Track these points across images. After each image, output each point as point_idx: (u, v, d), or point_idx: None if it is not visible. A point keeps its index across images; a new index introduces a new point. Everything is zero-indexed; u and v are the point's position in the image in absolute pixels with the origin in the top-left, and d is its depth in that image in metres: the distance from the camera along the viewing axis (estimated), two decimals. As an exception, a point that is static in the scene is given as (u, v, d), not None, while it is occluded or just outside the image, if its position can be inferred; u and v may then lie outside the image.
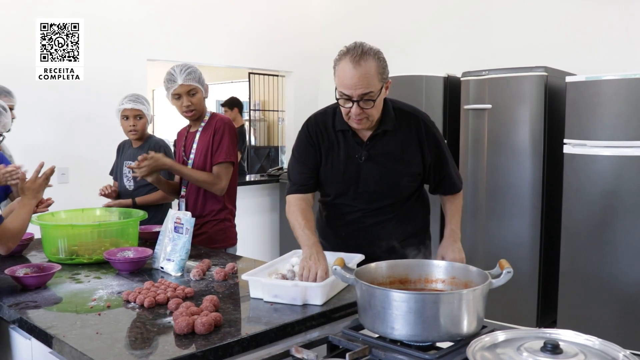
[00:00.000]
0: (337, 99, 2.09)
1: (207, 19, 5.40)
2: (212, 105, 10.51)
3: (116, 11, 4.71)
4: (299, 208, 2.22)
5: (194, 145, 3.04)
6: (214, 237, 2.97)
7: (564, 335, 1.34)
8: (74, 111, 4.55)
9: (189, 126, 3.13)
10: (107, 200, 3.43)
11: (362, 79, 2.00)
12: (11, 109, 3.39)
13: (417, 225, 2.40)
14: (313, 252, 1.98)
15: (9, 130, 3.28)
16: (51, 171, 2.37)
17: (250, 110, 8.76)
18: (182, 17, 5.21)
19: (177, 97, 2.92)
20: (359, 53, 2.00)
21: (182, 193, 3.08)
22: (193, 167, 3.00)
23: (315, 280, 1.87)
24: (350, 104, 2.05)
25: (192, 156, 3.04)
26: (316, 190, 2.34)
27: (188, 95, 2.91)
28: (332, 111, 2.28)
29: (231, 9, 5.59)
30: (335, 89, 2.09)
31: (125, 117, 3.37)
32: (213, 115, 3.07)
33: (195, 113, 2.98)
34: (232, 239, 3.10)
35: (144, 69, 4.96)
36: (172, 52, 5.22)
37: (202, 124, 3.03)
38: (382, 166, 2.23)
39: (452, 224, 2.39)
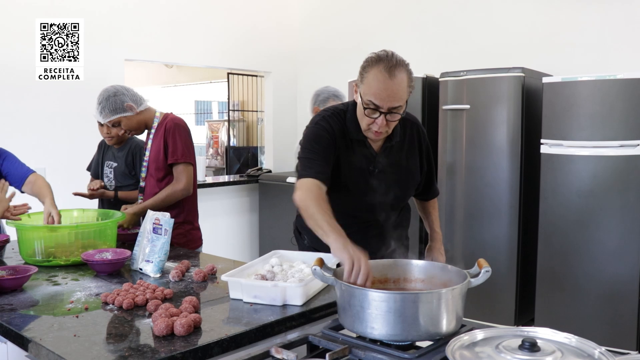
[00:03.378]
0: (364, 108, 1.96)
1: (185, 18, 5.37)
2: (191, 104, 10.56)
3: (93, 11, 4.66)
4: (318, 194, 1.93)
5: (146, 152, 3.00)
6: (173, 241, 2.71)
7: (542, 333, 1.36)
8: (54, 111, 4.51)
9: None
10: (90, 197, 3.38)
11: (395, 91, 1.91)
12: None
13: (406, 228, 2.39)
14: (349, 243, 1.69)
15: None
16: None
17: (229, 110, 8.74)
18: (160, 16, 5.17)
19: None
20: (393, 63, 1.91)
21: (139, 201, 3.02)
22: (148, 172, 2.98)
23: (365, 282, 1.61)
24: (376, 115, 1.95)
25: (145, 163, 3.00)
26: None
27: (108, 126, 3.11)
28: (343, 115, 2.14)
29: (210, 9, 5.56)
30: (360, 96, 1.98)
31: (100, 123, 3.30)
32: (164, 116, 2.99)
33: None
34: (194, 242, 3.02)
35: (122, 69, 4.92)
36: (150, 52, 5.19)
37: (153, 130, 2.97)
38: (391, 178, 2.16)
39: (437, 227, 2.43)
